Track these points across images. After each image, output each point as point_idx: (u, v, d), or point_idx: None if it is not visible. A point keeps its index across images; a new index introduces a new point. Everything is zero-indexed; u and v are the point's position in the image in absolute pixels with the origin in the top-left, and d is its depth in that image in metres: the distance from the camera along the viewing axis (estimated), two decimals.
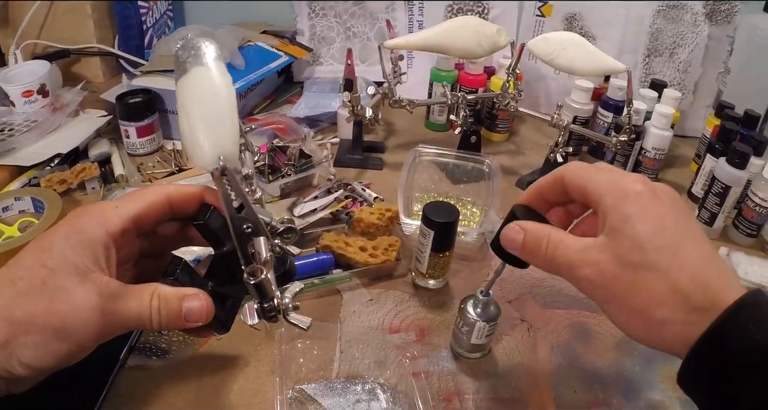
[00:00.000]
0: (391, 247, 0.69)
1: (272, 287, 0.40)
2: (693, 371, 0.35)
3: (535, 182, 0.46)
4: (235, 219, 0.36)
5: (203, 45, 0.36)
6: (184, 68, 0.35)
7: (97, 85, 1.12)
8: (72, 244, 0.39)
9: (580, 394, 0.57)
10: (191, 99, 0.35)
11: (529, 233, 0.42)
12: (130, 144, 0.92)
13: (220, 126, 0.35)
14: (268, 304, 0.40)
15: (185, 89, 0.35)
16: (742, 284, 0.36)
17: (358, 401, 0.54)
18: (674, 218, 0.37)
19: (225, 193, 0.33)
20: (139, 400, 0.53)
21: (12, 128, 0.89)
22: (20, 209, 0.78)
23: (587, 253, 0.39)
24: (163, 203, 0.43)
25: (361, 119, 0.87)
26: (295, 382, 0.56)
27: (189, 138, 0.36)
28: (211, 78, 0.36)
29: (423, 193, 0.82)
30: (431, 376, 0.58)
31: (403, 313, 0.65)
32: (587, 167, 0.42)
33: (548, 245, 0.41)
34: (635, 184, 0.39)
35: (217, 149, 0.35)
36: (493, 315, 0.56)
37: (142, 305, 0.40)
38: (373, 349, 0.60)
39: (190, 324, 0.42)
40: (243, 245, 0.38)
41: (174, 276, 0.43)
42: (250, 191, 0.44)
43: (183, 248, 0.49)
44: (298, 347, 0.59)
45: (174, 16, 1.29)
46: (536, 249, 0.41)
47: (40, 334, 0.37)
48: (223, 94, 0.35)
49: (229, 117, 0.36)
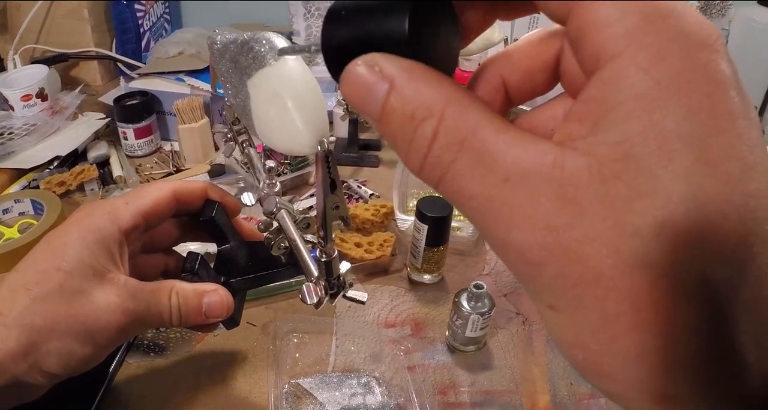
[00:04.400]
0: (386, 243, 0.70)
1: (338, 266, 0.41)
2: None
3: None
4: (328, 198, 0.36)
5: (275, 38, 0.37)
6: (264, 60, 0.37)
7: (95, 88, 1.13)
8: (87, 244, 0.38)
9: (575, 387, 0.57)
10: (284, 88, 0.36)
11: (402, 90, 0.19)
12: (128, 146, 0.93)
13: (316, 111, 0.36)
14: (334, 281, 0.41)
15: (275, 80, 0.36)
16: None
17: (353, 395, 0.55)
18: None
19: (324, 172, 0.34)
20: (137, 397, 0.54)
21: (11, 132, 0.90)
22: (20, 211, 0.79)
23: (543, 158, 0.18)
24: (170, 198, 0.43)
25: (356, 118, 0.87)
26: (291, 377, 0.56)
27: (282, 127, 0.37)
28: (302, 67, 0.37)
29: (419, 189, 0.83)
30: (426, 369, 0.58)
31: (398, 308, 0.65)
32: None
33: (447, 129, 0.18)
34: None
35: (317, 133, 0.36)
36: (487, 308, 0.57)
37: (162, 303, 0.39)
38: (368, 343, 0.60)
39: (211, 320, 0.41)
40: (329, 222, 0.38)
41: (193, 272, 0.43)
42: (271, 184, 0.45)
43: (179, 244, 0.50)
44: (294, 342, 0.60)
45: (171, 18, 1.30)
46: (410, 130, 0.19)
47: (63, 340, 0.36)
48: (313, 81, 0.37)
49: (322, 102, 0.37)
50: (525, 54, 0.23)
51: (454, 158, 0.18)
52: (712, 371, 0.17)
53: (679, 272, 0.16)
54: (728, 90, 0.17)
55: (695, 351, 0.17)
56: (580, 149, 0.17)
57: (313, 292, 0.40)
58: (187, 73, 0.98)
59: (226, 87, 0.41)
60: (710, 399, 0.17)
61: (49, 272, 0.36)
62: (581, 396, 0.56)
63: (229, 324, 0.45)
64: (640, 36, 0.17)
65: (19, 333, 0.35)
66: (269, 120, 0.37)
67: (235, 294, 0.45)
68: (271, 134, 0.38)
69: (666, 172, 0.16)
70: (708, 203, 0.16)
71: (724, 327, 0.17)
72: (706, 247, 0.16)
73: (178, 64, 0.99)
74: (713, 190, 0.16)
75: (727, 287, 0.16)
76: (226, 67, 0.40)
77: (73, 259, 0.37)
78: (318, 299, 0.40)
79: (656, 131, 0.16)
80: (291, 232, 0.43)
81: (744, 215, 0.16)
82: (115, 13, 1.14)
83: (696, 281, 0.16)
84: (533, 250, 0.18)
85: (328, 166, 0.34)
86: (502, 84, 0.23)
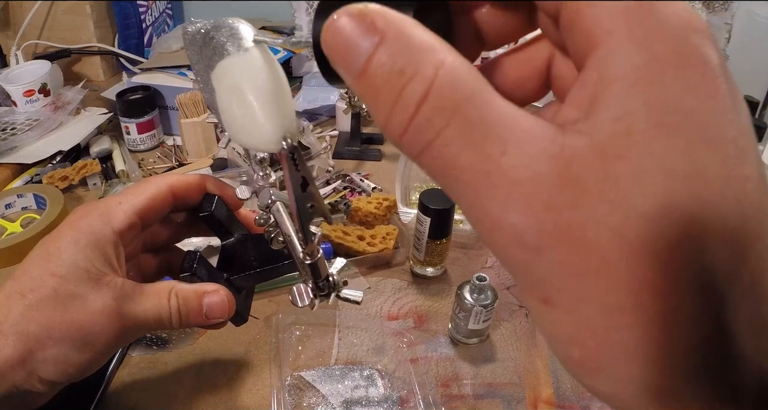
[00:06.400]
0: (389, 235, 0.70)
1: (326, 266, 0.39)
2: None
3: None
4: (300, 199, 0.34)
5: (240, 24, 0.34)
6: (224, 50, 0.33)
7: (97, 83, 1.13)
8: (80, 247, 0.36)
9: None
10: (245, 80, 0.33)
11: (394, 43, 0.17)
12: (130, 140, 0.93)
13: (280, 105, 0.33)
14: (323, 283, 0.39)
15: (236, 71, 0.33)
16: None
17: (356, 387, 0.55)
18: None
19: (292, 171, 0.32)
20: (140, 390, 0.54)
21: (14, 127, 0.90)
22: (23, 205, 0.79)
23: (542, 134, 0.17)
24: (167, 193, 0.42)
25: (359, 112, 0.87)
26: (294, 369, 0.56)
27: (244, 122, 0.34)
28: (265, 56, 0.33)
29: (421, 182, 0.82)
30: (429, 362, 0.58)
31: (401, 301, 0.65)
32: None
33: (441, 90, 0.17)
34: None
35: (281, 128, 0.33)
36: (490, 300, 0.56)
37: (161, 305, 0.38)
38: (371, 336, 0.60)
39: (212, 321, 0.40)
40: (306, 223, 0.36)
41: (192, 272, 0.41)
42: (265, 174, 0.43)
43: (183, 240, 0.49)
44: (297, 334, 0.59)
45: (173, 13, 1.30)
46: (397, 87, 0.17)
47: (58, 347, 0.35)
48: (279, 72, 0.34)
49: (288, 94, 0.34)
50: (515, 61, 0.22)
51: (446, 123, 0.16)
52: (711, 364, 0.16)
53: (683, 259, 0.15)
54: (721, 74, 0.16)
55: (696, 344, 0.16)
56: (581, 130, 0.16)
57: (304, 294, 0.39)
58: (189, 67, 0.98)
59: (197, 80, 0.39)
60: (708, 393, 0.16)
61: (43, 278, 0.35)
62: (584, 388, 0.56)
63: (237, 321, 0.44)
64: (634, 14, 0.16)
65: (15, 341, 0.34)
66: (232, 115, 0.34)
67: (240, 290, 0.44)
68: (235, 130, 0.35)
69: (668, 148, 0.15)
70: (709, 184, 0.15)
71: (723, 317, 0.16)
72: (709, 231, 0.15)
73: (181, 59, 0.99)
74: (713, 170, 0.15)
75: (727, 274, 0.16)
76: (195, 59, 0.37)
77: (66, 263, 0.36)
78: (309, 302, 0.39)
79: (658, 104, 0.16)
80: (286, 226, 0.41)
81: (741, 198, 0.16)
82: (118, 9, 1.14)
83: (698, 269, 0.15)
84: (531, 233, 0.16)
85: (296, 164, 0.32)
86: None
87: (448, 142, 0.17)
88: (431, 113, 0.16)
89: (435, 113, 0.16)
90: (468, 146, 0.16)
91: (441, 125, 0.16)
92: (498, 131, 0.16)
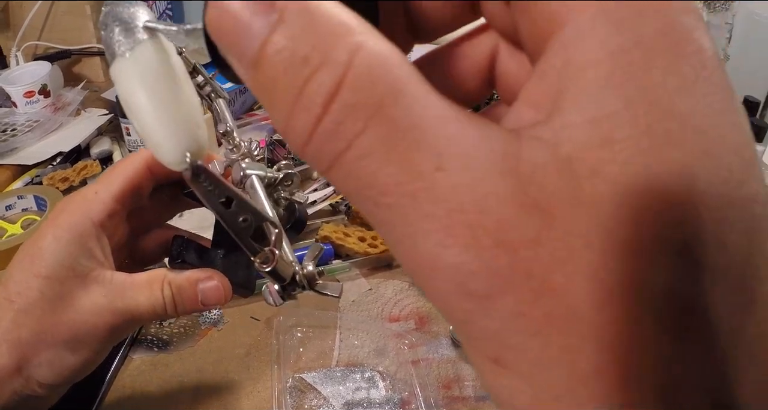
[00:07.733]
0: None
1: (291, 263, 0.34)
2: None
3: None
4: (228, 216, 0.30)
5: (129, 10, 0.27)
6: (115, 49, 0.26)
7: (98, 84, 1.13)
8: (62, 245, 0.35)
9: None
10: (131, 91, 0.26)
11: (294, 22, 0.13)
12: (131, 141, 0.93)
13: (177, 117, 0.26)
14: (290, 284, 0.35)
15: (128, 74, 0.26)
16: None
17: (357, 389, 0.54)
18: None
19: (205, 193, 0.27)
20: (141, 392, 0.54)
21: (14, 129, 0.90)
22: (23, 207, 0.79)
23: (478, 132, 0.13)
24: (143, 171, 0.39)
25: None
26: (295, 371, 0.56)
27: (144, 135, 0.28)
28: (162, 57, 0.26)
29: None
30: (431, 364, 0.58)
31: (402, 302, 0.65)
32: None
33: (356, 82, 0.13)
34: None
35: (183, 143, 0.27)
36: None
37: (154, 297, 0.37)
38: (372, 337, 0.60)
39: (208, 307, 0.39)
40: (244, 239, 0.32)
41: (181, 259, 0.40)
42: (234, 147, 0.38)
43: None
44: (298, 336, 0.59)
45: (173, 15, 1.30)
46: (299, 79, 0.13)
47: (52, 350, 0.34)
48: (181, 74, 0.27)
49: (190, 100, 0.27)
50: (451, 55, 0.18)
51: (363, 128, 0.12)
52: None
53: (684, 309, 0.12)
54: (717, 65, 0.13)
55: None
56: (541, 136, 0.12)
57: (275, 294, 0.35)
58: None
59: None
60: None
61: (28, 281, 0.34)
62: None
63: (244, 293, 0.42)
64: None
65: (9, 348, 0.34)
66: (134, 125, 0.28)
67: (240, 264, 0.41)
68: (143, 142, 0.30)
69: (662, 165, 0.12)
70: (712, 211, 0.12)
71: (726, 380, 0.12)
72: (712, 274, 0.12)
73: None
74: (716, 190, 0.12)
75: (731, 331, 0.12)
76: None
77: (50, 263, 0.34)
78: (280, 303, 0.35)
79: (645, 102, 0.12)
80: (264, 206, 0.35)
81: (749, 229, 0.12)
82: None
83: (700, 321, 0.12)
84: (477, 277, 0.12)
85: (205, 186, 0.27)
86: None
87: (365, 153, 0.13)
88: (343, 114, 0.13)
89: (348, 114, 0.13)
90: (392, 159, 0.12)
91: (356, 131, 0.13)
92: (432, 138, 0.12)
